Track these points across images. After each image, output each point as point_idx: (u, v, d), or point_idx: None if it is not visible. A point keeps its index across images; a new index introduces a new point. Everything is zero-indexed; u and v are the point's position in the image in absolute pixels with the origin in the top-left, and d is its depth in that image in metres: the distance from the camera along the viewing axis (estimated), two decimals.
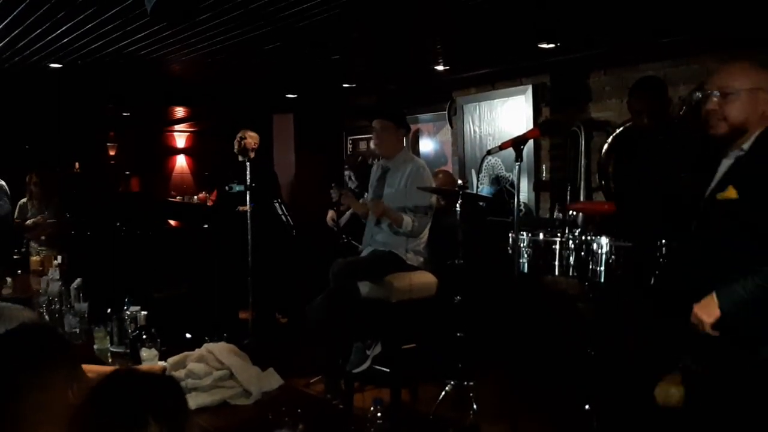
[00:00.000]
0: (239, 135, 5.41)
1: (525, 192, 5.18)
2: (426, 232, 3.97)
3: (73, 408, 1.17)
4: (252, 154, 4.62)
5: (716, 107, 2.09)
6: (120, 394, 1.17)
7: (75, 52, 4.17)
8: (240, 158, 5.29)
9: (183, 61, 4.54)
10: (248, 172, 4.42)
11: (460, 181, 4.78)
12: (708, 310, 2.02)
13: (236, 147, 5.41)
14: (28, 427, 1.26)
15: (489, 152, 2.83)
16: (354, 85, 5.96)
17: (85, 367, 1.51)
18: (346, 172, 4.16)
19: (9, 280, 4.62)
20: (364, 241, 4.12)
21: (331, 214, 4.57)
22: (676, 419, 2.38)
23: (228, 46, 4.02)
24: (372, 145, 4.07)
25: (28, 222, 6.11)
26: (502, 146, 2.72)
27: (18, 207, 6.30)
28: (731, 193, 2.03)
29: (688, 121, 3.70)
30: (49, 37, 3.82)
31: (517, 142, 2.66)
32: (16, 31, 3.69)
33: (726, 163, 2.14)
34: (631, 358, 3.34)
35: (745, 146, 2.08)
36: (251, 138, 5.40)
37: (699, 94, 4.00)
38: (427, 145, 6.92)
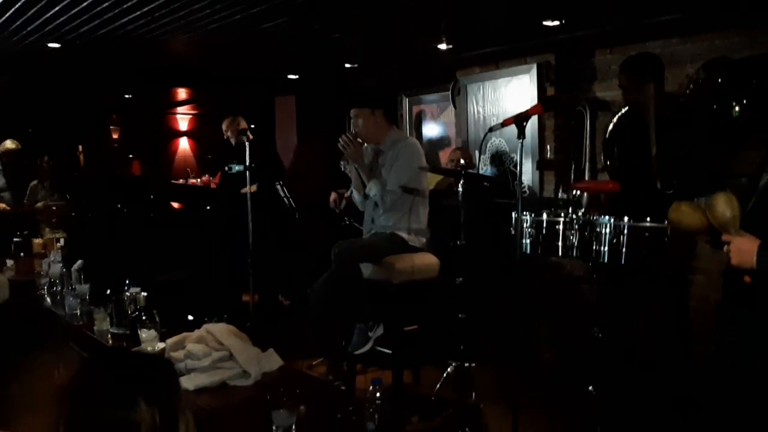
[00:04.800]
0: (230, 123, 5.44)
1: (528, 172, 5.13)
2: (425, 211, 3.92)
3: (61, 388, 1.14)
4: (250, 135, 4.60)
5: None
6: (109, 374, 1.14)
7: (73, 31, 4.12)
8: (236, 141, 5.31)
9: (182, 40, 4.48)
10: (247, 153, 4.39)
11: (462, 161, 4.73)
12: (744, 257, 1.93)
13: (232, 133, 5.42)
14: (14, 410, 1.23)
15: (491, 129, 2.79)
16: (356, 66, 5.90)
17: None
18: (342, 161, 4.12)
19: (10, 262, 4.61)
20: (365, 225, 4.09)
21: (333, 196, 4.54)
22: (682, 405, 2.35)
23: (227, 24, 3.96)
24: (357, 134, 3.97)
25: (39, 204, 6.12)
26: (505, 123, 2.68)
27: (29, 189, 6.31)
28: None
29: (695, 99, 3.64)
30: (46, 16, 3.77)
31: (520, 119, 2.61)
32: (12, 10, 3.64)
33: None
34: (636, 340, 3.32)
35: None
36: (242, 120, 5.46)
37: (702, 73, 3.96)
38: (430, 127, 6.85)
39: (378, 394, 1.91)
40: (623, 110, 4.06)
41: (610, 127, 4.14)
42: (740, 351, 2.04)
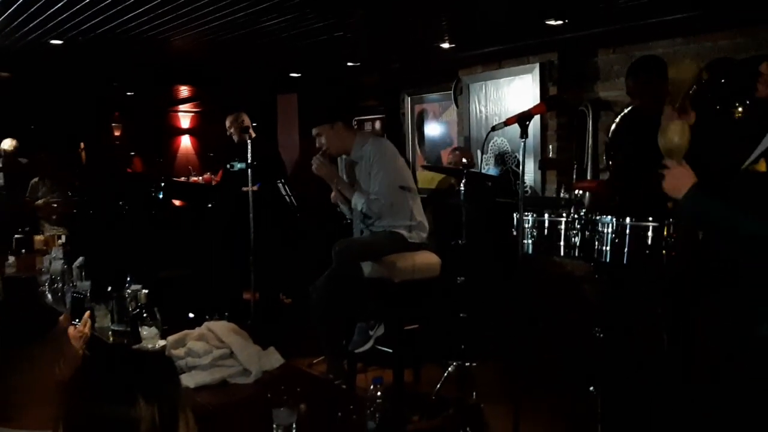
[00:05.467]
0: (234, 119, 5.43)
1: (531, 172, 5.12)
2: (416, 205, 3.89)
3: (62, 383, 1.14)
4: (252, 133, 4.60)
5: (764, 70, 2.11)
6: (109, 370, 1.14)
7: (75, 28, 4.12)
8: (239, 138, 5.31)
9: (184, 38, 4.48)
10: (249, 151, 4.38)
11: (464, 159, 4.73)
12: (677, 185, 2.02)
13: (235, 129, 5.41)
14: (15, 406, 1.23)
15: (494, 128, 2.77)
16: (358, 64, 5.89)
17: None
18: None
19: (12, 258, 4.61)
20: (355, 229, 4.06)
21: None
22: (680, 402, 2.35)
23: (230, 21, 3.96)
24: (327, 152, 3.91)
25: (39, 202, 6.12)
26: (507, 122, 2.66)
27: (30, 186, 6.31)
28: (761, 166, 1.99)
29: (698, 100, 3.62)
30: (48, 13, 3.77)
31: (523, 118, 2.60)
32: (14, 6, 3.64)
33: None
34: (638, 340, 3.31)
35: None
36: (246, 117, 5.45)
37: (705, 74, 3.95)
38: (432, 126, 6.85)
39: (379, 393, 1.90)
40: (626, 110, 4.05)
41: (613, 126, 4.13)
42: (734, 339, 2.06)
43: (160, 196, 5.78)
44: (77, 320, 2.60)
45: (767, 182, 1.96)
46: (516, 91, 5.27)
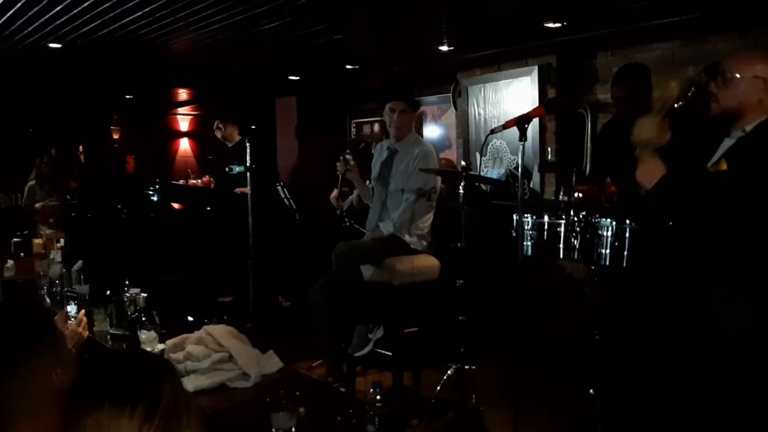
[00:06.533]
0: (221, 123, 5.49)
1: (531, 175, 5.12)
2: (429, 216, 3.92)
3: (60, 390, 1.13)
4: (237, 137, 4.62)
5: (713, 90, 2.23)
6: (109, 377, 1.12)
7: (73, 31, 4.12)
8: (222, 135, 5.36)
9: (183, 41, 4.48)
10: (248, 153, 4.38)
11: (463, 163, 4.74)
12: (647, 177, 2.26)
13: (225, 131, 5.46)
14: (10, 413, 1.21)
15: (492, 131, 2.78)
16: (357, 67, 5.89)
17: None
18: (347, 156, 4.12)
19: (11, 262, 4.60)
20: (368, 226, 4.08)
21: (335, 192, 4.53)
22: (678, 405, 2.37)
23: (229, 24, 3.96)
24: (389, 127, 4.05)
25: (37, 205, 6.11)
26: (506, 125, 2.67)
27: (27, 190, 6.30)
28: (722, 165, 2.17)
29: (697, 103, 3.62)
30: (46, 16, 3.77)
31: (522, 121, 2.60)
32: (13, 10, 3.64)
33: (728, 143, 2.24)
34: (637, 342, 3.31)
35: (748, 128, 2.19)
36: (234, 127, 5.51)
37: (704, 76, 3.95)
38: (431, 128, 6.85)
39: (378, 397, 1.90)
40: (610, 117, 4.05)
41: (598, 132, 4.13)
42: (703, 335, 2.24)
43: (155, 198, 5.78)
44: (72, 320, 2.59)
45: (729, 179, 2.14)
46: (515, 94, 5.27)
